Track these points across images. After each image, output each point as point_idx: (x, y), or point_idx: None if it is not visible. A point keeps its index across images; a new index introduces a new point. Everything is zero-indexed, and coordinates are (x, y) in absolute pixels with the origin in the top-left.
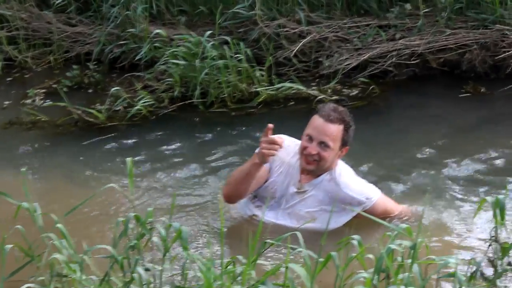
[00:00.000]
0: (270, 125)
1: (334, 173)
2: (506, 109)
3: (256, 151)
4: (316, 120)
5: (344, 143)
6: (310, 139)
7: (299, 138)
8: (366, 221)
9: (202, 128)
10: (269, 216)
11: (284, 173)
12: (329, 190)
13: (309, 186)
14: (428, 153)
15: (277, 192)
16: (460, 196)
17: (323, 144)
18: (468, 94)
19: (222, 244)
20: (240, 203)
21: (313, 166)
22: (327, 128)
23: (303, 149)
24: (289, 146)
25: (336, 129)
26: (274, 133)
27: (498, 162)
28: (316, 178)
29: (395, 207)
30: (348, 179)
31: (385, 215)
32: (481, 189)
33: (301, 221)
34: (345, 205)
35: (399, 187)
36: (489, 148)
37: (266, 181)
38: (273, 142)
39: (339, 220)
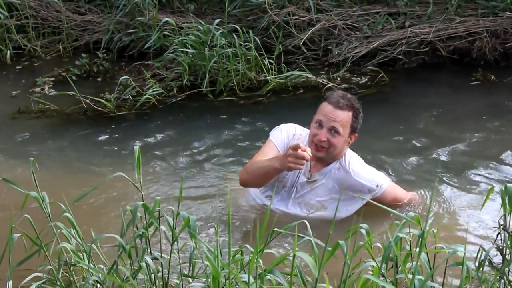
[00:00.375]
0: (303, 147)
1: (343, 161)
2: None
3: (280, 155)
4: (326, 107)
5: (353, 130)
6: (320, 125)
7: (307, 126)
8: (374, 209)
9: (211, 116)
10: (279, 206)
11: None
12: (339, 178)
13: (319, 175)
14: (437, 141)
15: (288, 181)
16: (469, 184)
17: (333, 130)
18: (478, 82)
19: (229, 232)
20: (249, 193)
21: (323, 153)
22: (336, 115)
23: (313, 136)
24: (300, 135)
25: (345, 116)
26: (282, 123)
27: (508, 149)
28: (326, 167)
29: (405, 195)
30: (358, 167)
31: (395, 203)
32: (490, 177)
33: (311, 210)
34: (355, 193)
35: (407, 175)
36: (499, 136)
37: None
38: (302, 158)
39: (350, 208)
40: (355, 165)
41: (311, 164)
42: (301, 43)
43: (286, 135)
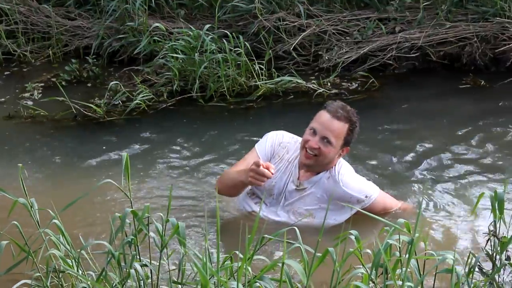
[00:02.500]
0: (266, 164)
1: (333, 171)
2: (505, 102)
3: (249, 168)
4: (323, 115)
5: (346, 143)
6: (314, 132)
7: (297, 131)
8: (364, 216)
9: (201, 122)
10: (268, 213)
11: (283, 170)
12: (328, 188)
13: (308, 183)
14: (427, 146)
15: (275, 189)
16: (459, 190)
17: (325, 140)
18: (468, 87)
19: (218, 240)
20: (239, 199)
21: (312, 160)
22: (332, 124)
23: (304, 141)
24: (288, 143)
25: (341, 127)
26: (272, 129)
27: (498, 155)
28: (316, 175)
29: (395, 204)
30: (347, 177)
31: (385, 211)
32: (480, 183)
33: (299, 218)
34: (344, 203)
35: (397, 181)
36: (489, 142)
37: None
38: (262, 175)
39: (339, 218)
40: (345, 176)
41: (300, 172)
42: (291, 49)
43: (271, 144)
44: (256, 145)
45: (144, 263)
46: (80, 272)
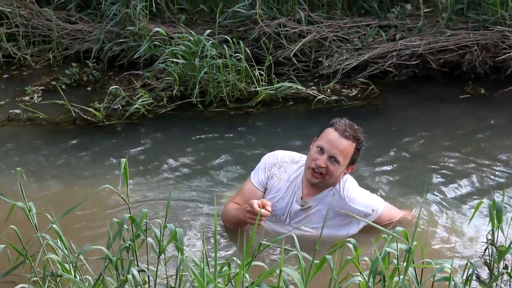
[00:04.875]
0: (261, 202)
1: (338, 187)
2: (505, 110)
3: (246, 209)
4: (331, 134)
5: (352, 162)
6: (321, 151)
7: (296, 138)
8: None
9: (201, 127)
10: (274, 227)
11: (284, 190)
12: (333, 205)
13: (313, 201)
14: (426, 154)
15: (277, 210)
16: (457, 198)
17: (333, 159)
18: (468, 96)
19: (216, 245)
20: None
21: (318, 179)
22: (340, 143)
23: (311, 160)
24: (284, 162)
25: (349, 146)
26: (271, 137)
27: (497, 164)
28: (321, 193)
29: (398, 213)
30: (353, 193)
31: (389, 222)
32: (479, 192)
33: (305, 236)
34: (351, 219)
35: (395, 188)
36: (488, 150)
37: None
38: (260, 215)
39: (346, 233)
40: (350, 191)
41: (304, 191)
42: (291, 55)
43: (264, 168)
44: (251, 174)
45: (141, 268)
46: (78, 277)
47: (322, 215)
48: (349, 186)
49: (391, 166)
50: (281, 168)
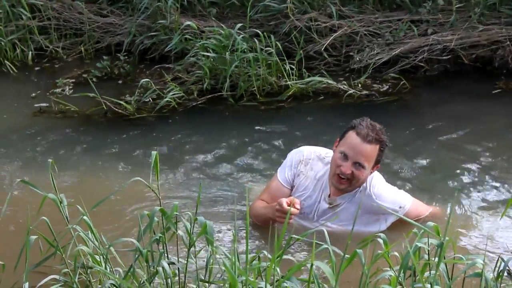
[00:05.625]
0: (290, 200)
1: (365, 184)
2: None
3: (274, 207)
4: (354, 139)
5: (377, 162)
6: (345, 157)
7: (326, 132)
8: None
9: (231, 121)
10: (303, 222)
11: (311, 188)
12: (361, 202)
13: (342, 199)
14: (457, 150)
15: (305, 207)
16: (489, 194)
17: (357, 164)
18: (500, 91)
19: (247, 239)
20: None
21: (346, 185)
22: (364, 148)
23: (336, 166)
24: (310, 159)
25: (373, 149)
26: (301, 131)
27: None
28: (348, 192)
29: (426, 210)
30: (380, 189)
31: (417, 218)
32: (510, 188)
33: (333, 232)
34: (378, 215)
35: (426, 184)
36: None
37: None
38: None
39: (375, 230)
40: (376, 188)
41: (331, 190)
42: (322, 49)
43: (290, 165)
44: (277, 171)
45: (171, 261)
46: (108, 269)
47: (350, 213)
48: (376, 182)
49: (422, 162)
50: (307, 166)
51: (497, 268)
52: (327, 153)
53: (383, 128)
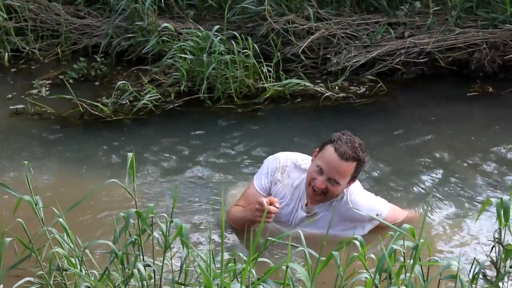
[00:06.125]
0: (270, 199)
1: (342, 193)
2: None
3: (254, 207)
4: (331, 155)
5: (353, 178)
6: (321, 171)
7: (304, 135)
8: None
9: (208, 123)
10: (281, 227)
11: (288, 197)
12: (338, 210)
13: (319, 208)
14: (433, 152)
15: (282, 216)
16: (464, 197)
17: (332, 180)
18: (476, 94)
19: (222, 241)
20: None
21: (319, 197)
22: (340, 166)
23: (311, 179)
24: (286, 166)
25: (349, 167)
26: (278, 134)
27: (504, 163)
28: (326, 201)
29: (402, 214)
30: (358, 197)
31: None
32: (486, 190)
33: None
34: (356, 223)
35: (403, 187)
36: (495, 149)
37: None
38: (268, 212)
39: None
40: (354, 195)
41: (308, 199)
42: (300, 51)
43: (267, 173)
44: (254, 178)
45: (147, 263)
46: (83, 271)
47: (327, 220)
48: (353, 190)
49: (398, 164)
50: (284, 173)
51: (472, 271)
52: (304, 160)
53: (362, 143)
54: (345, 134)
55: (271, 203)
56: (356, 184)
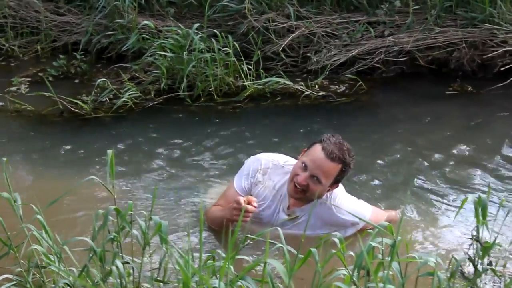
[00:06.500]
0: (248, 198)
1: (325, 197)
2: (492, 108)
3: (232, 206)
4: (317, 153)
5: (336, 181)
6: (305, 168)
7: (284, 133)
8: None
9: (188, 121)
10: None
11: (270, 199)
12: (321, 214)
13: (301, 211)
14: (412, 151)
15: (264, 217)
16: (443, 195)
17: (315, 178)
18: (454, 92)
19: (201, 238)
20: None
21: (300, 195)
22: (324, 165)
23: (294, 175)
24: (268, 168)
25: (333, 167)
26: (258, 132)
27: (482, 161)
28: (308, 204)
29: (383, 215)
30: (341, 201)
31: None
32: (464, 188)
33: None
34: (339, 227)
35: (382, 185)
36: (474, 148)
37: None
38: (246, 211)
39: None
40: (337, 200)
41: (291, 201)
42: (280, 50)
43: (247, 174)
44: (234, 179)
45: (126, 260)
46: (62, 268)
47: (310, 224)
48: (336, 194)
49: (377, 163)
50: (265, 175)
51: (450, 268)
52: (285, 162)
53: (351, 149)
54: (335, 136)
55: (248, 202)
56: (340, 189)
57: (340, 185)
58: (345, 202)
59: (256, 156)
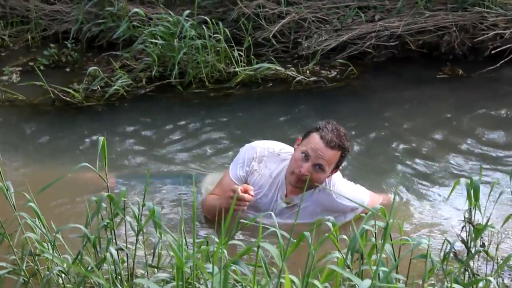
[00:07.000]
0: (244, 187)
1: (324, 183)
2: (483, 91)
3: (228, 195)
4: (317, 141)
5: (336, 167)
6: (306, 158)
7: (275, 119)
8: None
9: (180, 108)
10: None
11: (266, 187)
12: (320, 201)
13: (299, 199)
14: (404, 135)
15: (261, 206)
16: (435, 178)
17: (317, 167)
18: (446, 76)
19: (194, 222)
20: None
21: (302, 184)
22: (326, 153)
23: (296, 166)
24: (263, 156)
25: (334, 155)
26: (250, 118)
27: (473, 143)
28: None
29: (378, 199)
30: (338, 187)
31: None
32: (456, 170)
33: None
34: (338, 213)
35: (374, 169)
36: (465, 131)
37: None
38: (243, 199)
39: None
40: (335, 186)
41: (288, 189)
42: (271, 36)
43: (242, 163)
44: (230, 168)
45: (119, 247)
46: (56, 255)
47: (309, 211)
48: (335, 180)
49: (369, 146)
50: (261, 163)
51: (443, 250)
52: (281, 149)
53: (347, 133)
54: (330, 123)
55: (245, 191)
56: (338, 175)
57: (338, 172)
58: (344, 188)
59: (251, 144)
